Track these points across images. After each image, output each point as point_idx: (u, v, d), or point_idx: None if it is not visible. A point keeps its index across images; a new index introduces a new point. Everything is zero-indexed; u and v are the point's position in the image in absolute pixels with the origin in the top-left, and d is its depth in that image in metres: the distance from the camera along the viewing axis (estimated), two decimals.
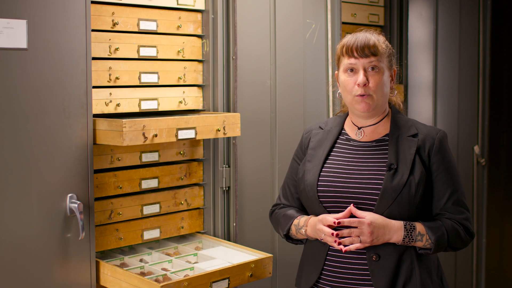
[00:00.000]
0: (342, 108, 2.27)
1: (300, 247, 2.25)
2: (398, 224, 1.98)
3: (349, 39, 2.08)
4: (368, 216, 1.96)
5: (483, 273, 4.53)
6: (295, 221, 2.14)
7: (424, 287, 2.00)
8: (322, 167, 2.10)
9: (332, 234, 1.97)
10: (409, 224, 1.99)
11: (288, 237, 2.19)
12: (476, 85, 4.41)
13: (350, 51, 2.05)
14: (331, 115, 3.35)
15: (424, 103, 4.18)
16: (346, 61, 2.06)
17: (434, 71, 4.18)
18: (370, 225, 1.94)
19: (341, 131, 2.18)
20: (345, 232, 1.97)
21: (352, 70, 2.05)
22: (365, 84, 2.02)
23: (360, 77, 2.02)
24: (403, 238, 1.98)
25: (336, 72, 2.16)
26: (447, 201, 2.04)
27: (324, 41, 3.36)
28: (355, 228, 1.96)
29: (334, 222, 1.97)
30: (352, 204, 2.00)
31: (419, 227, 2.00)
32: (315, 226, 2.05)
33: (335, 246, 1.99)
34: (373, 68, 2.04)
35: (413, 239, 1.98)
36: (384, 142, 2.09)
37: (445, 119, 4.25)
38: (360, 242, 1.96)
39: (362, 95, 2.03)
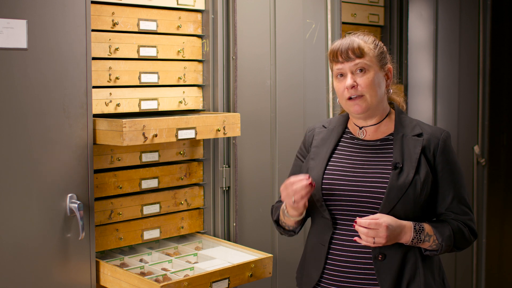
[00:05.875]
0: (342, 109, 2.27)
1: (300, 246, 2.25)
2: (408, 225, 1.98)
3: (335, 44, 2.08)
4: (382, 219, 1.94)
5: (483, 273, 4.52)
6: (282, 206, 2.15)
7: (427, 286, 2.01)
8: (327, 165, 2.10)
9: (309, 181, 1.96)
10: (418, 225, 1.99)
11: (278, 224, 2.20)
12: (476, 85, 4.41)
13: (335, 57, 2.06)
14: (331, 115, 3.35)
15: (424, 103, 4.17)
16: (334, 67, 2.08)
17: (434, 71, 4.18)
18: (387, 228, 1.93)
19: (344, 130, 2.18)
20: (363, 230, 1.94)
21: (342, 75, 2.06)
22: (353, 87, 2.02)
23: (348, 80, 2.03)
24: (412, 239, 1.97)
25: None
26: (452, 201, 2.05)
27: (324, 41, 3.36)
28: (370, 229, 1.94)
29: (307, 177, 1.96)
30: (356, 220, 1.97)
31: (427, 228, 2.00)
32: (285, 197, 2.01)
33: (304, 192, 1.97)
34: (361, 70, 2.03)
35: (421, 240, 1.98)
36: (388, 141, 2.09)
37: (445, 119, 4.25)
38: (374, 242, 1.94)
39: (352, 98, 2.03)
